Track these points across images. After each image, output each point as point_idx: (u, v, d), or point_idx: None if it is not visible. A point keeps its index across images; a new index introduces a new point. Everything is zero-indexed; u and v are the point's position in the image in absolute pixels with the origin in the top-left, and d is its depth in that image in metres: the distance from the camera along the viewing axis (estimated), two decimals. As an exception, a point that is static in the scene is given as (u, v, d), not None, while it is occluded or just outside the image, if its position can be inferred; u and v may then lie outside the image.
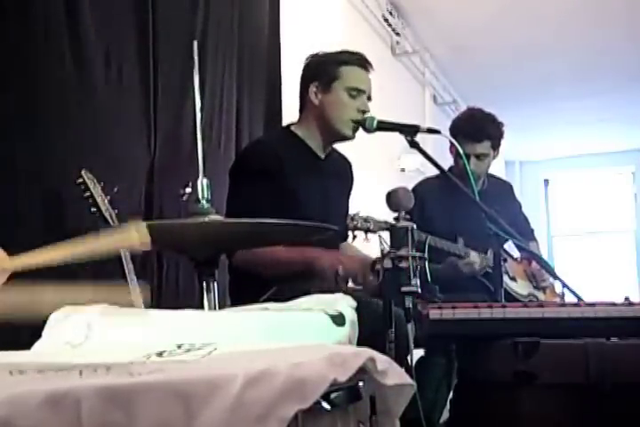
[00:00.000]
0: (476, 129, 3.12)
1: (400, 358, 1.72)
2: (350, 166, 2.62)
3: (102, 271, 2.17)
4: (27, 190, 2.09)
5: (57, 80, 2.21)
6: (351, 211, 2.40)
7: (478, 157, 3.13)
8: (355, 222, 2.13)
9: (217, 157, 2.88)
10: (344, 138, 2.41)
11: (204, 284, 1.58)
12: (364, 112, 2.34)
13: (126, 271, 2.04)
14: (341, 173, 2.56)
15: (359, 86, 2.36)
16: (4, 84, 2.04)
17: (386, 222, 1.97)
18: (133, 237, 1.14)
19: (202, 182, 1.58)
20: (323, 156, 2.45)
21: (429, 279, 1.93)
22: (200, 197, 1.57)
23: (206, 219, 1.53)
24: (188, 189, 1.59)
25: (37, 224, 2.10)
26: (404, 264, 1.81)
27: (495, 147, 3.19)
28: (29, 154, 2.11)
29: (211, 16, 2.94)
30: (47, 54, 2.19)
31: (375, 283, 1.98)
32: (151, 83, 2.59)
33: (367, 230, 2.10)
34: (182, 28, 2.78)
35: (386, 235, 1.93)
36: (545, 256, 4.15)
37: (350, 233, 2.20)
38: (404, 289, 1.80)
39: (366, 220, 2.10)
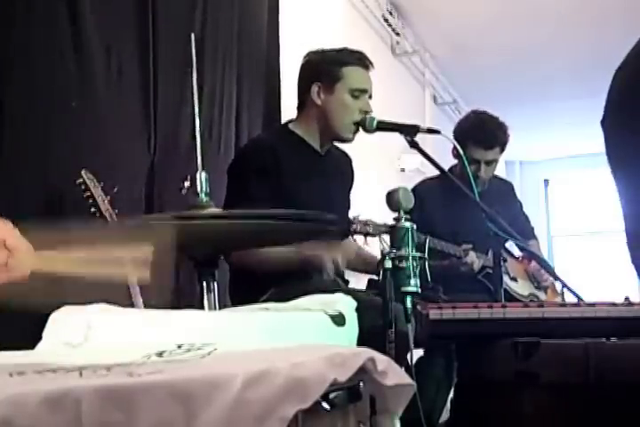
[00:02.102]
0: (488, 136, 3.10)
1: (400, 358, 1.72)
2: (350, 162, 2.62)
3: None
4: (27, 190, 2.09)
5: (58, 80, 2.21)
6: (351, 213, 2.40)
7: (488, 163, 3.13)
8: (354, 226, 2.13)
9: (216, 155, 2.88)
10: (343, 140, 2.41)
11: (204, 284, 1.58)
12: (366, 112, 2.34)
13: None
14: (342, 170, 2.56)
15: (362, 87, 2.36)
16: (5, 84, 2.04)
17: (385, 225, 1.97)
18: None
19: (201, 176, 1.59)
20: (322, 152, 2.45)
21: (430, 279, 1.92)
22: (199, 190, 1.57)
23: (205, 212, 1.53)
24: (187, 183, 1.60)
25: (38, 224, 2.09)
26: (403, 264, 1.81)
27: (502, 151, 3.19)
28: (30, 154, 2.11)
29: (210, 16, 2.94)
30: (48, 54, 2.19)
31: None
32: (151, 82, 2.59)
33: (367, 234, 2.10)
34: (182, 27, 2.78)
35: (386, 237, 1.93)
36: (545, 256, 4.14)
37: (350, 237, 2.19)
38: (403, 289, 1.80)
39: (366, 223, 2.10)
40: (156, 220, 1.47)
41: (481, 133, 3.09)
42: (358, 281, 2.51)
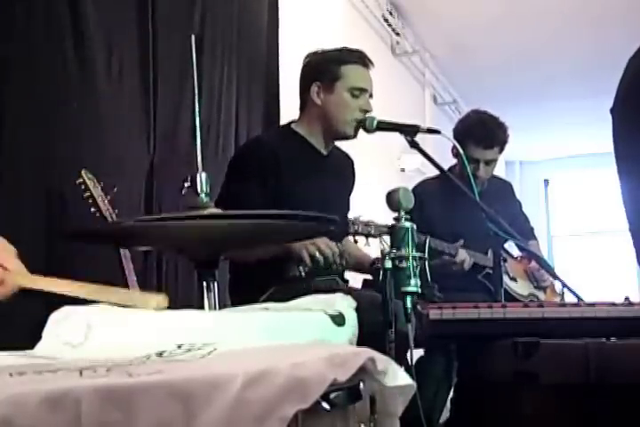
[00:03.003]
0: (488, 136, 3.11)
1: (400, 357, 1.72)
2: (352, 164, 2.62)
3: (103, 271, 2.18)
4: (27, 191, 2.09)
5: (58, 80, 2.21)
6: (352, 214, 2.39)
7: (488, 162, 3.14)
8: (355, 227, 2.12)
9: (215, 155, 2.88)
10: (346, 137, 2.41)
11: (205, 284, 1.58)
12: (366, 111, 2.34)
13: (126, 271, 2.04)
14: (343, 171, 2.56)
15: (362, 86, 2.36)
16: (5, 84, 2.04)
17: (387, 226, 1.97)
18: (150, 304, 1.19)
19: (200, 176, 1.59)
20: (325, 153, 2.45)
21: (430, 279, 1.93)
22: (199, 190, 1.57)
23: (205, 212, 1.53)
24: (187, 184, 1.59)
25: (38, 224, 2.10)
26: (403, 264, 1.81)
27: (502, 151, 3.20)
28: (30, 154, 2.11)
29: (209, 16, 2.94)
30: (49, 54, 2.19)
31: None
32: (150, 82, 2.59)
33: (368, 235, 2.09)
34: (181, 27, 2.78)
35: (386, 237, 1.93)
36: (545, 256, 4.14)
37: (351, 238, 2.19)
38: (403, 289, 1.80)
39: (367, 224, 2.10)
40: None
41: (481, 133, 3.09)
42: (358, 281, 2.50)
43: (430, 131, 2.26)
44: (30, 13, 2.12)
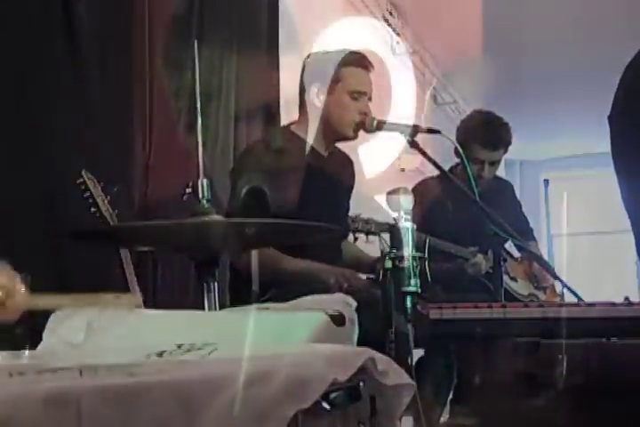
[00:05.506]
0: (494, 137, 3.11)
1: (400, 358, 1.72)
2: (352, 164, 2.62)
3: (103, 272, 2.18)
4: (27, 191, 2.09)
5: (56, 81, 2.21)
6: (352, 212, 2.40)
7: (492, 163, 3.14)
8: (356, 224, 2.13)
9: (214, 157, 2.88)
10: (346, 138, 2.41)
11: (205, 284, 1.58)
12: (364, 114, 2.34)
13: (126, 272, 2.04)
14: (343, 171, 2.57)
15: (361, 89, 2.37)
16: (3, 85, 2.04)
17: (387, 224, 1.97)
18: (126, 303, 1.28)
19: (202, 182, 1.59)
20: (325, 154, 2.45)
21: (430, 279, 1.93)
22: (200, 196, 1.57)
23: (206, 218, 1.54)
24: (189, 190, 1.60)
25: (38, 224, 2.10)
26: (404, 264, 1.81)
27: (506, 151, 3.20)
28: (30, 154, 2.11)
29: (208, 16, 2.94)
30: (46, 55, 2.19)
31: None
32: (147, 84, 2.59)
33: (368, 232, 2.09)
34: (179, 27, 2.78)
35: (387, 236, 1.93)
36: (545, 256, 4.15)
37: (351, 235, 2.19)
38: (404, 289, 1.80)
39: (367, 221, 2.10)
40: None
41: (487, 134, 3.10)
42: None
43: (430, 131, 2.27)
44: (26, 16, 2.12)
